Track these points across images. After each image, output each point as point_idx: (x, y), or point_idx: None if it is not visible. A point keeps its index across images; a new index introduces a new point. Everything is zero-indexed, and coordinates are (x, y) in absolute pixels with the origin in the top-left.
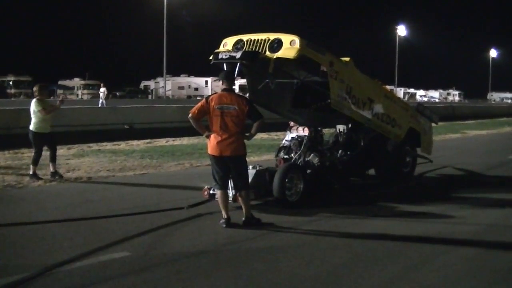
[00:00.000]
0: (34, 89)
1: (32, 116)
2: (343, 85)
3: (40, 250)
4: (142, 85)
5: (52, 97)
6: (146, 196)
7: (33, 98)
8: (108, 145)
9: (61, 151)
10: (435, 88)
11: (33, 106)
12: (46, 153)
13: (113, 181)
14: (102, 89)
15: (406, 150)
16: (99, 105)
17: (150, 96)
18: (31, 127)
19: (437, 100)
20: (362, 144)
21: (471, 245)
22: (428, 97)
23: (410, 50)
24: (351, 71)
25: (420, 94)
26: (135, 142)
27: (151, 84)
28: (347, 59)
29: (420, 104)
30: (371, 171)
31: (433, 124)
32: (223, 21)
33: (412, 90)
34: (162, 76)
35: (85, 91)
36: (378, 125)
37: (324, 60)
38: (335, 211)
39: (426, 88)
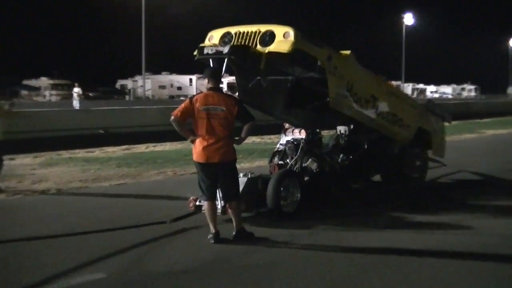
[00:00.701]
0: None
1: None
2: (343, 82)
3: (1, 273)
4: (118, 85)
5: (15, 99)
6: (124, 209)
7: None
8: (80, 153)
9: (26, 160)
10: (447, 82)
11: None
12: (9, 162)
13: (87, 192)
14: (77, 89)
15: (415, 153)
16: (74, 107)
17: (127, 97)
18: None
19: (450, 97)
20: (365, 147)
21: (484, 259)
22: (440, 93)
23: (418, 40)
24: (351, 66)
25: (431, 90)
26: (111, 149)
27: (129, 83)
28: (347, 52)
29: (431, 101)
30: (376, 177)
31: (446, 124)
32: (210, 13)
33: (421, 86)
34: (140, 74)
35: (54, 92)
36: (383, 125)
37: (322, 54)
38: (336, 222)
39: (438, 83)
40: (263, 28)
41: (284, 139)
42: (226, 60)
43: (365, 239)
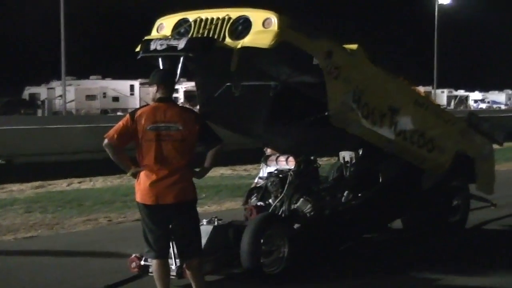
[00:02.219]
0: None
1: None
2: (349, 88)
3: None
4: (26, 93)
5: None
6: (37, 273)
7: None
8: None
9: None
10: (499, 87)
11: None
12: None
13: None
14: None
15: (452, 188)
16: None
17: (40, 111)
18: None
19: (502, 107)
20: (381, 180)
21: None
22: (488, 102)
23: (457, 28)
24: (360, 65)
25: (475, 98)
26: (15, 187)
27: (42, 91)
28: (354, 46)
29: (474, 114)
30: (397, 222)
31: (496, 146)
32: None
33: (461, 93)
34: (59, 79)
35: None
36: (405, 149)
37: (318, 48)
38: (341, 287)
39: (485, 88)
40: (234, 13)
41: (265, 170)
42: (182, 58)
43: None
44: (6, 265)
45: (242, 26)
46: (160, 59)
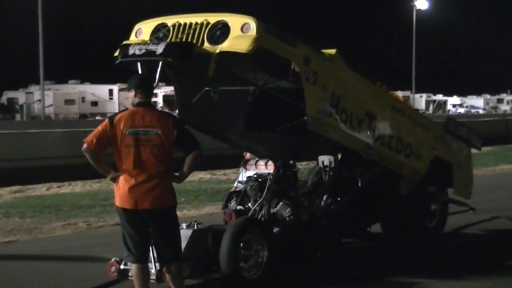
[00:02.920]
0: None
1: None
2: (327, 93)
3: None
4: (5, 98)
5: None
6: (15, 278)
7: None
8: None
9: None
10: (477, 92)
11: None
12: None
13: None
14: None
15: (430, 193)
16: None
17: (18, 116)
18: None
19: (480, 112)
20: (359, 185)
21: None
22: (467, 106)
23: (435, 33)
24: (338, 70)
25: (453, 103)
26: None
27: (21, 96)
28: (332, 51)
29: (451, 119)
30: (375, 227)
31: (474, 150)
32: None
33: (439, 97)
34: (37, 83)
35: None
36: (383, 154)
37: (296, 54)
38: None
39: (463, 93)
40: (213, 18)
41: (244, 175)
42: (160, 63)
43: None
44: None
45: (220, 31)
46: (138, 64)
